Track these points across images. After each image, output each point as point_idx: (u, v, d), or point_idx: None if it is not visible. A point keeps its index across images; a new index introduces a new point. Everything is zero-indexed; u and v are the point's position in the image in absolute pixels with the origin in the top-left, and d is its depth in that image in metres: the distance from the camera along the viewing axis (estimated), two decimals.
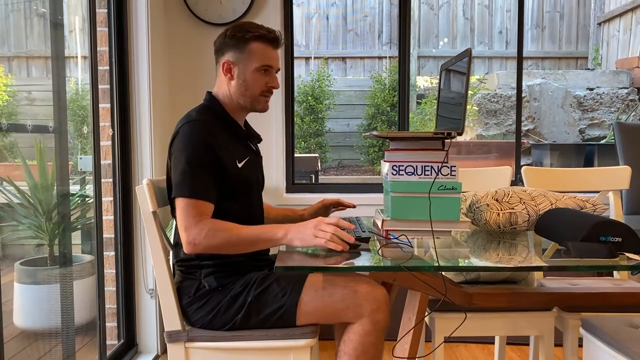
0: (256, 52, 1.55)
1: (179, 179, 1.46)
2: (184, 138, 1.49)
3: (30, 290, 2.25)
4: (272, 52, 1.58)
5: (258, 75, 1.56)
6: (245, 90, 1.57)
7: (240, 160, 1.57)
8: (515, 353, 2.64)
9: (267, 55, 1.56)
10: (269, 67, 1.57)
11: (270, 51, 1.57)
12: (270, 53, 1.57)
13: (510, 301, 1.64)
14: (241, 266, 1.58)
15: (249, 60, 1.55)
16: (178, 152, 1.48)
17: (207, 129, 1.51)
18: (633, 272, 2.05)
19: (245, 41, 1.54)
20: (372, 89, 5.44)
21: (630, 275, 2.13)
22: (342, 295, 1.45)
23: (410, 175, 1.44)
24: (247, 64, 1.55)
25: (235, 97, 1.59)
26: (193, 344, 1.54)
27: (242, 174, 1.56)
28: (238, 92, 1.58)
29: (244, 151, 1.62)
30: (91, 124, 2.24)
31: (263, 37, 1.55)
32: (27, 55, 2.77)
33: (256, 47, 1.55)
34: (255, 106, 1.60)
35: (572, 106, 4.88)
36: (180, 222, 1.43)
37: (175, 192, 1.46)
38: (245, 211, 1.60)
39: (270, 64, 1.57)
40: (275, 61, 1.59)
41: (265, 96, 1.60)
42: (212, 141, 1.49)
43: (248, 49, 1.55)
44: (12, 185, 2.19)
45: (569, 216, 1.47)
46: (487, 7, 5.80)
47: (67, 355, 2.07)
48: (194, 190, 1.44)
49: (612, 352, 1.41)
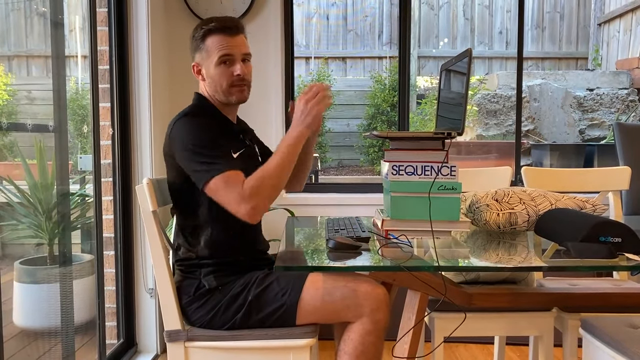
0: (212, 46, 1.54)
1: (196, 166, 1.44)
2: (183, 130, 1.49)
3: (29, 289, 2.25)
4: (230, 41, 1.54)
5: (221, 68, 1.54)
6: (215, 87, 1.57)
7: (235, 151, 1.57)
8: (515, 353, 2.64)
9: (223, 45, 1.53)
10: (229, 55, 1.54)
11: (227, 40, 1.54)
12: (227, 42, 1.54)
13: (509, 301, 1.65)
14: (241, 265, 1.59)
15: (209, 56, 1.55)
16: (182, 144, 1.47)
17: (203, 120, 1.53)
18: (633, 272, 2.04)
19: (202, 39, 1.55)
20: (372, 89, 5.44)
21: (630, 275, 2.13)
22: (342, 295, 1.45)
23: (410, 175, 1.44)
24: (208, 61, 1.55)
25: (212, 95, 1.60)
26: (193, 344, 1.54)
27: (237, 164, 1.52)
28: (212, 90, 1.59)
29: (237, 144, 1.61)
30: (91, 123, 2.24)
31: (215, 29, 1.54)
32: (27, 55, 2.77)
33: (211, 42, 1.54)
34: (230, 99, 1.58)
35: (572, 107, 4.88)
36: (223, 200, 1.42)
37: (200, 180, 1.44)
38: None
39: (229, 52, 1.54)
40: (234, 49, 1.54)
41: (236, 86, 1.56)
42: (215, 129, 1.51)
43: (205, 46, 1.55)
44: (12, 184, 2.19)
45: (568, 216, 1.47)
46: (488, 8, 5.80)
47: (67, 354, 2.07)
48: (215, 168, 1.42)
49: (612, 352, 1.41)
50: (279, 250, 1.42)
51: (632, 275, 2.12)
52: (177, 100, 2.74)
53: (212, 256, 1.56)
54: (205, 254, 1.56)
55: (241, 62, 1.56)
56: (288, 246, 1.50)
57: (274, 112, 2.81)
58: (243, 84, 1.58)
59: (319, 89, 1.48)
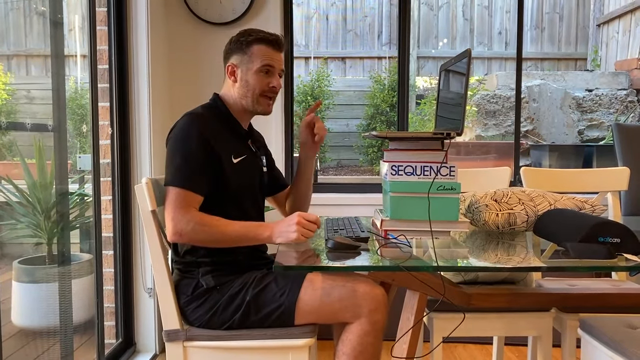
0: (257, 53, 1.58)
1: (173, 168, 1.50)
2: (182, 129, 1.53)
3: (28, 288, 2.25)
4: (274, 54, 1.61)
5: (260, 75, 1.59)
6: (247, 91, 1.60)
7: (237, 156, 1.58)
8: (514, 353, 2.64)
9: (269, 56, 1.59)
10: (271, 67, 1.60)
11: (272, 52, 1.60)
12: (272, 54, 1.60)
13: (508, 302, 1.65)
14: (239, 265, 1.59)
15: (251, 61, 1.59)
16: (174, 142, 1.52)
17: (205, 123, 1.55)
18: (631, 273, 2.05)
19: (248, 44, 1.59)
20: (372, 89, 5.44)
21: (629, 276, 2.13)
22: (341, 295, 1.46)
23: (409, 176, 1.44)
24: (249, 65, 1.59)
25: (238, 98, 1.62)
26: (191, 343, 1.54)
27: (237, 170, 1.57)
28: (241, 93, 1.61)
29: (241, 149, 1.63)
30: (90, 122, 2.24)
31: (264, 39, 1.59)
32: (26, 54, 2.76)
33: (257, 49, 1.58)
34: (257, 108, 1.62)
35: (571, 107, 4.88)
36: (168, 211, 1.47)
37: (167, 180, 1.50)
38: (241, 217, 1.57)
39: (272, 64, 1.60)
40: (277, 62, 1.61)
41: (267, 97, 1.62)
42: (209, 135, 1.52)
43: (250, 51, 1.59)
44: (10, 183, 2.18)
45: (567, 217, 1.47)
46: (487, 8, 5.80)
47: (65, 354, 2.07)
48: (185, 181, 1.48)
49: (610, 352, 1.41)
50: (277, 250, 1.42)
51: (631, 276, 2.13)
52: (176, 99, 2.74)
53: (210, 255, 1.56)
54: (203, 253, 1.57)
55: (277, 76, 1.62)
56: (287, 246, 1.50)
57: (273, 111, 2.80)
58: (273, 96, 1.63)
59: (315, 224, 1.43)
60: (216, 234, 1.46)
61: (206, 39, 2.79)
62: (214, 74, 2.83)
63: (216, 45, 2.81)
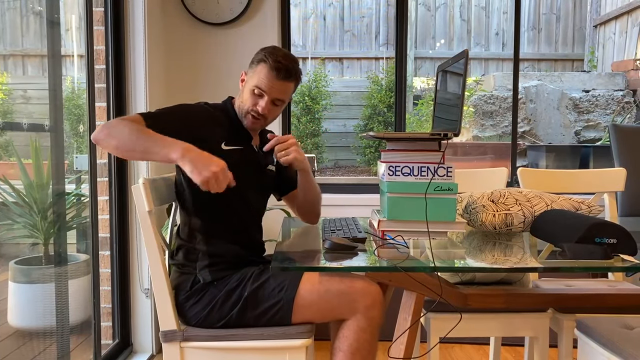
0: (258, 72, 1.58)
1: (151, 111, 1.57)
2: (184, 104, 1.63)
3: (24, 289, 2.24)
4: (273, 81, 1.56)
5: (251, 93, 1.60)
6: (241, 102, 1.64)
7: (229, 145, 1.59)
8: (510, 354, 2.64)
9: (266, 80, 1.56)
10: (261, 90, 1.57)
11: (272, 78, 1.56)
12: (271, 80, 1.56)
13: (505, 302, 1.65)
14: (236, 260, 1.60)
15: (252, 77, 1.60)
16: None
17: (204, 108, 1.62)
18: (627, 273, 2.06)
19: (258, 61, 1.60)
20: (369, 90, 5.44)
21: (625, 276, 2.14)
22: (338, 291, 1.47)
23: (406, 176, 1.45)
24: (250, 81, 1.61)
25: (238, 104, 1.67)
26: (188, 344, 1.54)
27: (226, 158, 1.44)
28: (239, 101, 1.66)
29: (236, 140, 1.62)
30: (87, 122, 2.23)
31: (268, 62, 1.56)
32: (23, 54, 2.75)
33: (261, 69, 1.58)
34: (243, 119, 1.65)
35: (567, 108, 4.89)
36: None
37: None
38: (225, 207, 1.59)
39: (264, 89, 1.57)
40: (271, 89, 1.56)
41: (252, 116, 1.61)
42: (203, 117, 1.59)
43: (256, 67, 1.60)
44: (7, 183, 2.18)
45: (564, 218, 1.47)
46: (484, 9, 5.81)
47: (62, 354, 2.06)
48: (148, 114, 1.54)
49: (607, 353, 1.42)
50: (275, 250, 1.42)
51: (627, 277, 2.13)
52: (173, 99, 2.72)
53: (207, 249, 1.58)
54: (201, 248, 1.58)
55: (270, 102, 1.59)
56: (284, 246, 1.50)
57: None
58: (259, 118, 1.62)
59: (228, 184, 1.38)
60: (133, 131, 1.38)
61: (203, 38, 2.79)
62: (211, 74, 2.82)
63: (213, 44, 2.81)
